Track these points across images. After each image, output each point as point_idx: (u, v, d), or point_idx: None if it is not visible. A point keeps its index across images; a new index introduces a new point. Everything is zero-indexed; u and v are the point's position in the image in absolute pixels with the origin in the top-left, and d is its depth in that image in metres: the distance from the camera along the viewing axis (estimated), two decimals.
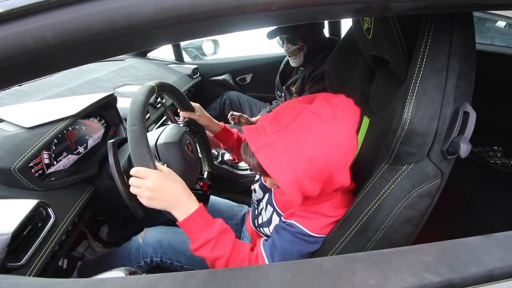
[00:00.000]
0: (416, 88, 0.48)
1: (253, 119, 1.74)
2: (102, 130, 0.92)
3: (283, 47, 1.52)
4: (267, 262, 0.60)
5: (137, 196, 0.58)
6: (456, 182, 0.58)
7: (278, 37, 1.55)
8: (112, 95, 0.86)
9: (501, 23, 1.51)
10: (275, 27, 1.43)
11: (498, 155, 1.01)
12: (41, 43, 0.29)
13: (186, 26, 0.32)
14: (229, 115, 1.54)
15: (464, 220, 0.95)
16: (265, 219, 0.74)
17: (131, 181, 0.57)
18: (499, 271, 0.33)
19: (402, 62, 0.57)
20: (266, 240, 0.65)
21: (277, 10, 0.31)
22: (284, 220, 0.65)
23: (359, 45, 0.79)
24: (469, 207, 0.99)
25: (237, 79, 2.11)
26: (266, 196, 0.75)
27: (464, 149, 0.51)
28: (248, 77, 2.11)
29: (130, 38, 0.32)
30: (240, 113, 1.60)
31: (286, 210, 0.66)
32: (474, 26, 0.52)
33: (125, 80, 1.38)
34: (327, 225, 0.62)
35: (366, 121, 0.78)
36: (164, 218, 1.04)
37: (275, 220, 0.70)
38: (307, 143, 0.50)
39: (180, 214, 0.58)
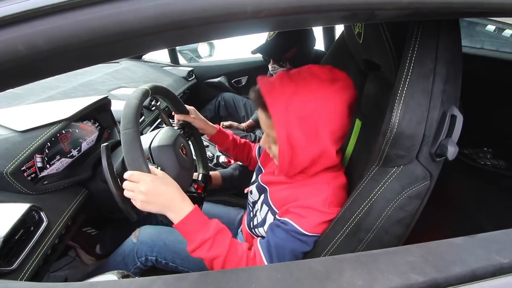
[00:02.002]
0: (404, 92, 0.49)
1: (242, 125, 1.76)
2: (96, 133, 0.92)
3: (268, 66, 1.44)
4: (264, 260, 0.60)
5: (131, 200, 0.58)
6: (447, 183, 0.59)
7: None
8: (106, 98, 0.86)
9: (490, 27, 1.54)
10: (261, 46, 1.36)
11: (488, 157, 1.03)
12: (32, 49, 0.29)
13: (177, 33, 0.33)
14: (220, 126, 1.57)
15: (454, 220, 0.97)
16: (259, 219, 0.74)
17: (125, 185, 0.57)
18: (481, 271, 0.34)
19: (391, 66, 0.59)
20: (263, 238, 0.66)
21: (265, 17, 0.31)
22: (279, 218, 0.65)
23: (350, 49, 0.81)
24: (460, 208, 1.00)
25: (232, 81, 2.12)
26: (262, 196, 0.76)
27: (452, 151, 0.52)
28: (244, 80, 2.11)
29: (122, 45, 0.32)
30: (229, 122, 1.68)
31: (281, 207, 0.67)
32: (460, 31, 0.54)
33: (120, 82, 1.38)
34: (320, 223, 0.62)
35: (358, 123, 0.79)
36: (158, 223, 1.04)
37: (270, 219, 0.70)
38: (302, 89, 0.57)
39: (175, 217, 0.59)
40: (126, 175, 0.57)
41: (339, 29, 1.82)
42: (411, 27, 0.51)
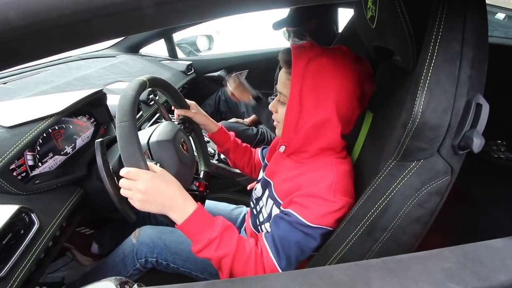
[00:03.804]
0: (428, 78, 0.44)
1: (246, 120, 1.71)
2: (92, 129, 0.87)
3: (289, 40, 1.43)
4: (271, 255, 0.58)
5: (129, 199, 0.54)
6: (458, 177, 0.55)
7: (284, 29, 1.46)
8: (100, 91, 0.81)
9: (500, 15, 1.49)
10: (282, 18, 1.35)
11: (502, 149, 0.98)
12: (5, 24, 0.25)
13: (178, 7, 0.28)
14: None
15: (468, 217, 0.93)
16: (265, 215, 0.71)
17: (122, 183, 0.53)
18: None
19: (409, 51, 0.54)
20: (268, 232, 0.63)
21: None
22: (283, 209, 0.63)
23: (361, 36, 0.76)
24: (473, 203, 0.96)
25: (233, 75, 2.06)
26: (266, 192, 0.73)
27: (477, 143, 0.48)
28: (244, 73, 2.06)
29: (112, 20, 0.27)
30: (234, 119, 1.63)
31: (285, 198, 0.64)
32: (487, 12, 0.49)
33: (116, 77, 1.33)
34: (325, 214, 0.58)
35: (369, 115, 0.75)
36: (158, 223, 1.00)
37: (275, 212, 0.67)
38: (326, 55, 0.59)
39: (177, 217, 0.55)
40: (122, 172, 0.53)
41: (341, 20, 1.77)
42: (434, 7, 0.47)
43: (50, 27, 0.26)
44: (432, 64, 0.44)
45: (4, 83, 1.04)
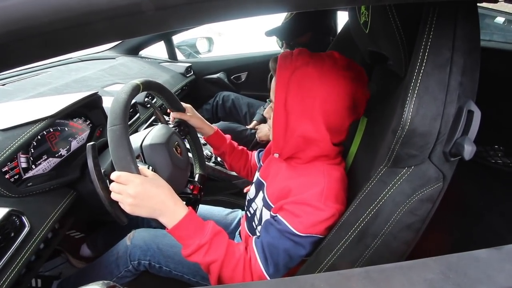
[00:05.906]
0: (418, 85, 0.44)
1: (251, 125, 1.71)
2: (87, 131, 0.87)
3: (281, 49, 1.43)
4: (259, 261, 0.58)
5: (119, 203, 0.54)
6: (455, 182, 0.55)
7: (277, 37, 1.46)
8: (95, 94, 0.81)
9: (500, 19, 1.48)
10: (275, 27, 1.34)
11: (499, 155, 0.98)
12: None
13: (169, 12, 0.28)
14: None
15: (464, 223, 0.92)
16: (258, 217, 0.71)
17: (112, 186, 0.54)
18: None
19: (401, 57, 0.54)
20: (258, 237, 0.62)
21: None
22: (273, 214, 0.63)
23: (355, 41, 0.76)
24: (469, 209, 0.95)
25: (231, 77, 2.06)
26: (260, 193, 0.73)
27: (469, 150, 0.48)
28: (243, 76, 2.06)
29: (91, 28, 0.27)
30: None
31: (276, 201, 0.64)
32: (478, 18, 0.49)
33: (115, 79, 1.33)
34: (315, 223, 0.58)
35: (363, 120, 0.74)
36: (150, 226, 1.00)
37: (265, 215, 0.67)
38: (313, 64, 0.58)
39: (168, 221, 0.55)
40: (113, 176, 0.53)
41: (340, 21, 1.76)
42: (425, 13, 0.46)
43: (29, 35, 0.26)
44: (422, 71, 0.44)
45: (3, 85, 1.04)
